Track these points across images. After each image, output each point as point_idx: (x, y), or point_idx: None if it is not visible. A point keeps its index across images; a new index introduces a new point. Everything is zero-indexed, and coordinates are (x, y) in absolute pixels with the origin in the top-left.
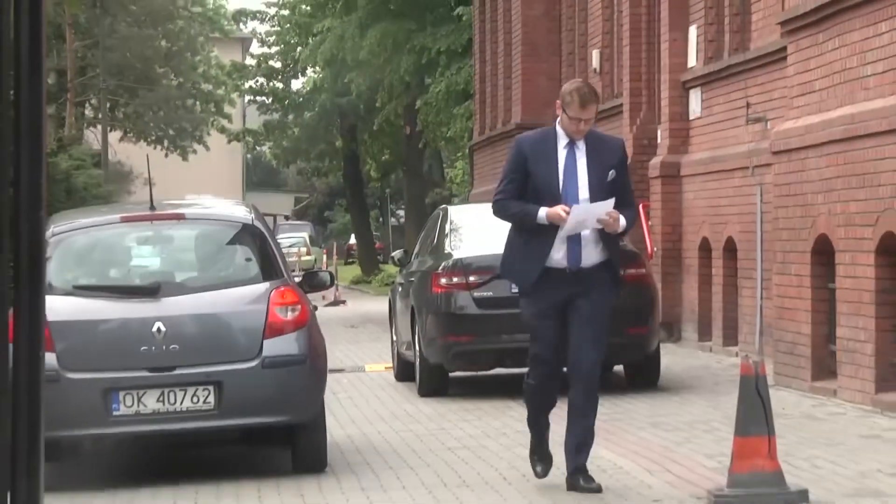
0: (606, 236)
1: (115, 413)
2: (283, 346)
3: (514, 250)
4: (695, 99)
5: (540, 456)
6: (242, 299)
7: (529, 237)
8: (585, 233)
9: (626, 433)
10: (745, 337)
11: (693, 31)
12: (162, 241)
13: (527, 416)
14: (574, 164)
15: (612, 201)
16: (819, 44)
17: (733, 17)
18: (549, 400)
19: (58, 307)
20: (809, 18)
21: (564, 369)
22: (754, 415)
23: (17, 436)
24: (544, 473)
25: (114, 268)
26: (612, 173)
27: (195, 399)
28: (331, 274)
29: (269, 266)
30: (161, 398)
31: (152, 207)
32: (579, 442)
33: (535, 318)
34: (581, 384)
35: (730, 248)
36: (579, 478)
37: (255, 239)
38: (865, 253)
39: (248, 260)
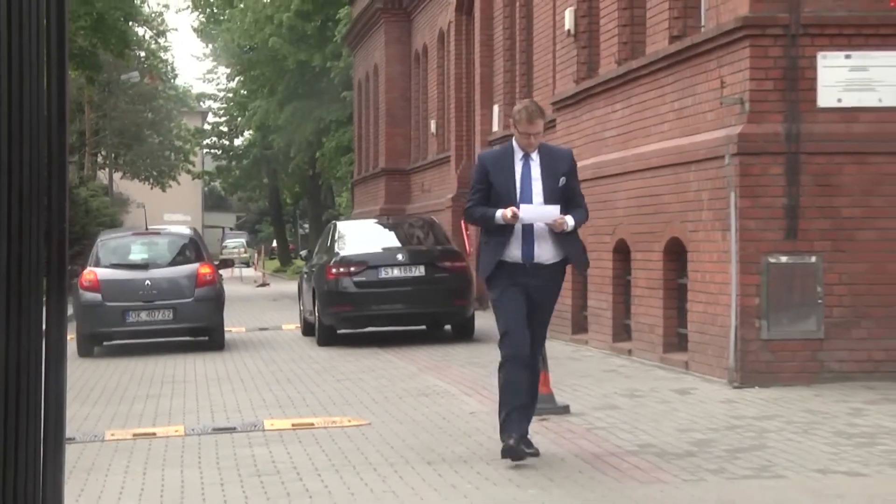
0: (563, 235)
1: (128, 321)
2: (204, 292)
3: (481, 250)
4: None
5: (517, 436)
6: (186, 270)
7: (489, 237)
8: (539, 232)
9: (451, 368)
10: None
11: (496, 108)
12: (150, 244)
13: (499, 401)
14: (529, 173)
15: (557, 207)
16: (577, 116)
17: (521, 100)
18: (521, 377)
19: (102, 272)
20: (570, 101)
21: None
22: None
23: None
24: (530, 454)
25: (128, 255)
26: (562, 180)
27: (163, 315)
28: (233, 261)
29: (200, 255)
30: (149, 315)
31: (147, 228)
32: (521, 415)
33: (502, 295)
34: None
35: None
36: (521, 444)
37: (194, 243)
38: (607, 252)
39: (189, 253)
